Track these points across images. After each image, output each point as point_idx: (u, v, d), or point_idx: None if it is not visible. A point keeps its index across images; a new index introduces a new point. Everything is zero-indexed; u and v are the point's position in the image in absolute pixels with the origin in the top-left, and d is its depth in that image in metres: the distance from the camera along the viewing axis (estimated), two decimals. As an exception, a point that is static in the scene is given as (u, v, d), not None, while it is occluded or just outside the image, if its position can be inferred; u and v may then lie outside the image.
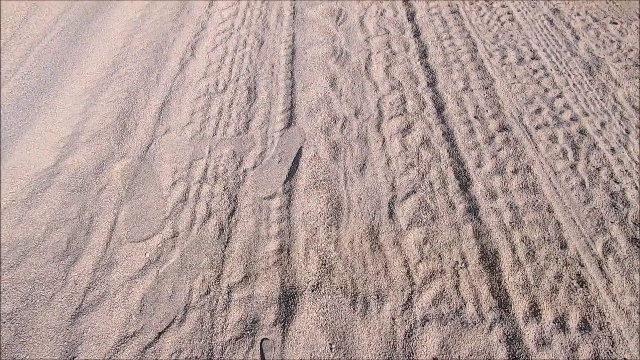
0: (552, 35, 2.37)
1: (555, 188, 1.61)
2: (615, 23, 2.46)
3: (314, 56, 2.22)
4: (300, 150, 1.75)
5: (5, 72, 2.11)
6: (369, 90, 2.03)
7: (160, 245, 1.44)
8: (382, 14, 2.55)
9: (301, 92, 2.01)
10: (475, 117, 1.90)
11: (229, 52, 2.27)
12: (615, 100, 1.97)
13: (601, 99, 1.97)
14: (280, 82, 2.08)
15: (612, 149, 1.75)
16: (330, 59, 2.21)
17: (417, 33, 2.39)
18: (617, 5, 2.62)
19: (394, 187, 1.61)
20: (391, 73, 2.13)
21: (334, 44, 2.31)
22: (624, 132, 1.82)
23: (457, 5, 2.61)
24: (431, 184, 1.62)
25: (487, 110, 1.92)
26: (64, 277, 1.36)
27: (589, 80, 2.07)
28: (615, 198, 1.57)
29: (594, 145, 1.76)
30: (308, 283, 1.35)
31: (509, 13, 2.55)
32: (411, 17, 2.53)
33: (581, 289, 1.34)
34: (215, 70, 2.15)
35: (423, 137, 1.80)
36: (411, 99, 1.99)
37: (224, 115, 1.90)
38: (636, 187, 1.61)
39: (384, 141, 1.78)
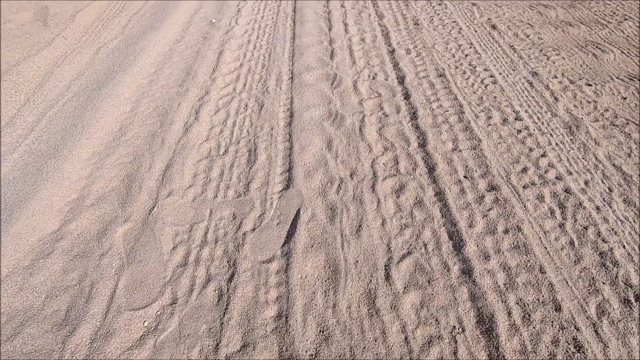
0: (533, 97, 2.54)
1: (546, 248, 1.65)
2: (590, 85, 2.65)
3: (311, 119, 2.36)
4: (298, 212, 1.81)
5: (17, 136, 2.22)
6: (363, 152, 2.14)
7: (159, 313, 1.45)
8: (374, 78, 2.75)
9: (299, 154, 2.11)
10: (465, 176, 1.99)
11: (231, 115, 2.41)
12: (596, 158, 2.08)
13: (583, 158, 2.09)
14: (279, 144, 2.19)
15: (597, 207, 1.82)
16: (326, 121, 2.35)
17: (407, 95, 2.56)
18: (590, 68, 2.83)
19: (389, 249, 1.66)
20: (384, 134, 2.25)
21: (329, 107, 2.46)
22: (607, 190, 1.90)
23: (444, 69, 2.82)
24: (425, 245, 1.67)
25: (476, 170, 2.02)
26: (60, 349, 1.35)
27: (570, 140, 2.20)
28: (604, 257, 1.62)
29: (580, 204, 1.84)
30: (306, 352, 1.35)
31: (491, 76, 2.75)
32: (401, 80, 2.72)
33: (578, 354, 1.34)
34: (218, 132, 2.27)
35: (416, 198, 1.88)
36: (403, 159, 2.09)
37: (224, 178, 1.98)
38: (624, 246, 1.66)
39: (378, 202, 1.85)
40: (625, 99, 2.53)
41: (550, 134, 2.24)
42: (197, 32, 3.35)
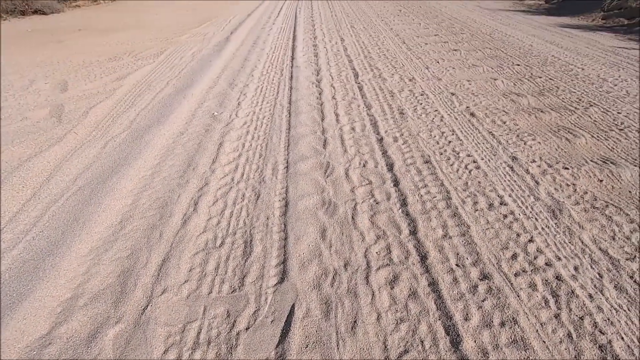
0: (515, 181, 2.69)
1: (544, 342, 1.63)
2: (567, 168, 2.83)
3: (306, 208, 2.46)
4: (292, 307, 1.80)
5: (18, 232, 2.28)
6: (356, 240, 2.19)
7: None
8: (364, 165, 2.92)
9: (294, 245, 2.16)
10: (457, 265, 2.02)
11: (228, 205, 2.51)
12: (582, 242, 2.14)
13: (569, 242, 2.15)
14: (275, 234, 2.26)
15: (590, 295, 1.83)
16: (320, 210, 2.44)
17: (396, 182, 2.70)
18: (565, 152, 3.04)
19: (386, 347, 1.62)
20: (376, 222, 2.33)
21: (323, 195, 2.58)
22: (598, 276, 1.93)
23: (429, 156, 3.02)
24: (422, 342, 1.64)
25: (467, 258, 2.06)
26: None
27: (555, 224, 2.28)
28: (604, 351, 1.59)
29: (572, 291, 1.85)
30: None
31: (474, 162, 2.94)
32: (390, 167, 2.89)
33: None
34: (215, 224, 2.35)
35: (410, 289, 1.89)
36: (396, 248, 2.14)
37: (220, 271, 2.00)
38: (622, 338, 1.64)
39: (373, 294, 1.86)
40: (601, 181, 2.69)
41: (535, 218, 2.33)
42: (200, 124, 3.63)
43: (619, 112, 3.68)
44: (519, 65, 5.16)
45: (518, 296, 1.83)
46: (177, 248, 2.16)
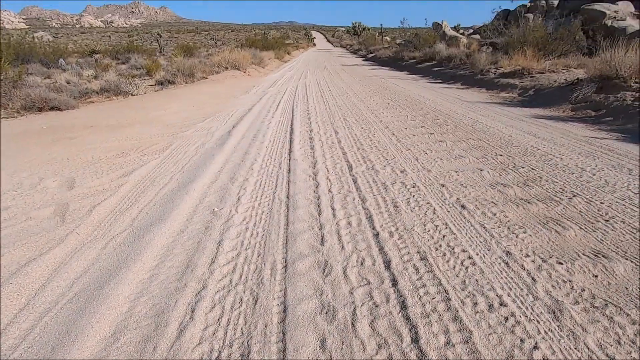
0: (512, 278, 2.71)
1: None
2: (561, 263, 2.88)
3: (304, 313, 2.43)
4: None
5: (6, 349, 2.19)
6: (357, 351, 2.13)
7: None
8: (362, 264, 2.95)
9: (293, 358, 2.09)
10: (463, 378, 1.94)
11: (226, 312, 2.47)
12: (588, 348, 2.09)
13: (575, 348, 2.10)
14: (273, 345, 2.19)
15: (607, 414, 1.74)
16: (319, 315, 2.41)
17: (394, 282, 2.71)
18: (556, 245, 3.12)
19: None
20: (376, 328, 2.29)
21: (321, 298, 2.56)
22: (611, 390, 1.85)
23: (425, 252, 3.07)
24: None
25: (472, 370, 1.98)
26: None
27: (558, 327, 2.25)
28: None
29: (587, 409, 1.76)
30: None
31: (469, 257, 2.99)
32: (387, 265, 2.92)
33: None
34: (211, 333, 2.28)
35: (416, 409, 1.78)
36: (398, 357, 2.07)
37: (215, 392, 1.90)
38: None
39: (377, 418, 1.75)
40: (596, 276, 2.72)
41: (537, 321, 2.30)
42: (200, 221, 3.73)
43: (602, 202, 3.86)
44: (501, 155, 5.52)
45: (531, 416, 1.73)
46: (171, 364, 2.07)
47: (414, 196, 4.20)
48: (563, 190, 4.22)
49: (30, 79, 15.09)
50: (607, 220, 3.49)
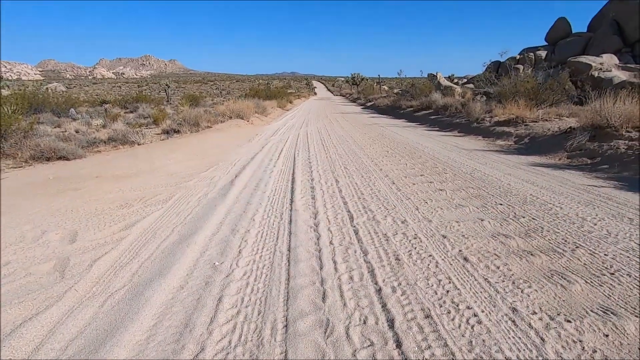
0: (520, 338, 2.63)
1: None
2: (570, 321, 2.80)
3: (306, 379, 2.33)
4: None
5: (-7, 421, 2.09)
6: (361, 423, 2.02)
7: None
8: (365, 322, 2.88)
9: None
10: None
11: (224, 377, 2.37)
12: (606, 419, 1.98)
13: (592, 419, 1.98)
14: (273, 416, 2.08)
15: None
16: (321, 382, 2.31)
17: (399, 343, 2.63)
18: (563, 301, 3.06)
19: None
20: (381, 396, 2.18)
21: (323, 362, 2.47)
22: None
23: (429, 309, 3.01)
24: None
25: None
26: None
27: (572, 394, 2.14)
28: None
29: None
30: None
31: (475, 315, 2.91)
32: (391, 323, 2.85)
33: None
34: (208, 403, 2.18)
35: None
36: None
37: None
38: None
39: None
40: (607, 336, 2.63)
41: (549, 387, 2.20)
42: (201, 276, 3.69)
43: (605, 254, 3.83)
44: (501, 204, 5.56)
45: None
46: None
47: (415, 248, 4.18)
48: (565, 241, 4.20)
49: (41, 128, 15.64)
50: (613, 274, 3.44)
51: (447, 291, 3.27)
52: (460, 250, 4.07)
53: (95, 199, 6.39)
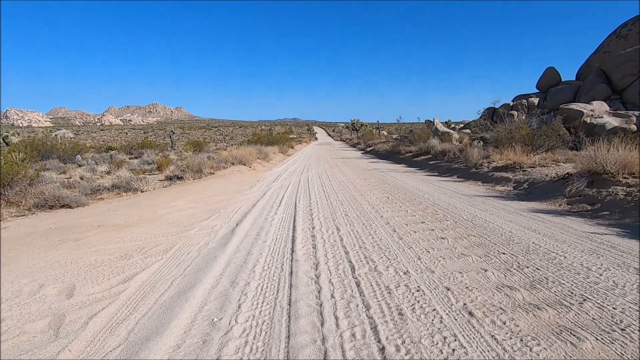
0: (531, 404, 2.50)
1: None
2: (582, 384, 2.68)
3: None
4: None
5: None
6: None
7: None
8: (368, 386, 2.75)
9: None
10: None
11: None
12: None
13: None
14: None
15: None
16: None
17: (404, 410, 2.50)
18: (574, 361, 2.94)
19: None
20: None
21: None
22: None
23: (435, 371, 2.89)
24: None
25: None
26: None
27: None
28: None
29: None
30: None
31: (483, 377, 2.79)
32: (395, 387, 2.72)
33: None
34: None
35: None
36: None
37: None
38: None
39: None
40: (623, 401, 2.50)
41: None
42: (198, 334, 3.58)
43: (614, 308, 3.74)
44: (504, 254, 5.51)
45: None
46: None
47: (419, 302, 4.09)
48: (572, 293, 4.12)
49: (46, 174, 15.93)
50: (623, 330, 3.34)
51: (453, 350, 3.16)
52: (464, 304, 3.98)
53: (96, 249, 6.36)
